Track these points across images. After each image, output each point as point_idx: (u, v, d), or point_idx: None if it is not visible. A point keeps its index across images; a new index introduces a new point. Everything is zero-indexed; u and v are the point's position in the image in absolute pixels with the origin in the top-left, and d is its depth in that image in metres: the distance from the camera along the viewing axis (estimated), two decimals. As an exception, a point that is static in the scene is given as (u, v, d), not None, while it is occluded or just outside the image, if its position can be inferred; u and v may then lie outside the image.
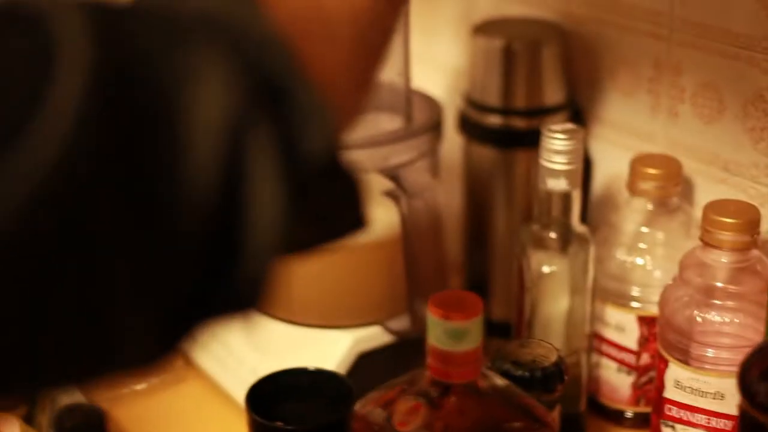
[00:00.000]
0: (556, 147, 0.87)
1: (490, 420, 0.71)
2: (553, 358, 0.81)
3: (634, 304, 0.93)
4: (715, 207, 0.84)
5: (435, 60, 1.21)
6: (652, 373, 0.90)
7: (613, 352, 0.95)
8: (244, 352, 1.01)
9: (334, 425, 0.79)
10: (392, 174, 0.93)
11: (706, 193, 0.94)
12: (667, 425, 0.87)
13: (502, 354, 0.81)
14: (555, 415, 0.80)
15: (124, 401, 1.02)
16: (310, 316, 0.98)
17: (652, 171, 0.91)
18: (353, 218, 0.56)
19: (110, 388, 0.89)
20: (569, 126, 0.88)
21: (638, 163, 0.92)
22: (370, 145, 0.93)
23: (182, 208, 0.43)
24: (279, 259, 0.47)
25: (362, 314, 0.97)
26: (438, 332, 0.68)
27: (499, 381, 0.74)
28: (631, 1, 0.98)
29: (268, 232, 0.45)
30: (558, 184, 0.88)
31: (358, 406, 0.74)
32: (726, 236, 0.82)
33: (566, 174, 0.88)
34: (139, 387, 1.04)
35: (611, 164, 1.03)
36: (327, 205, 0.53)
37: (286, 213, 0.45)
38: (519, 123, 1.01)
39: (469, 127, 1.04)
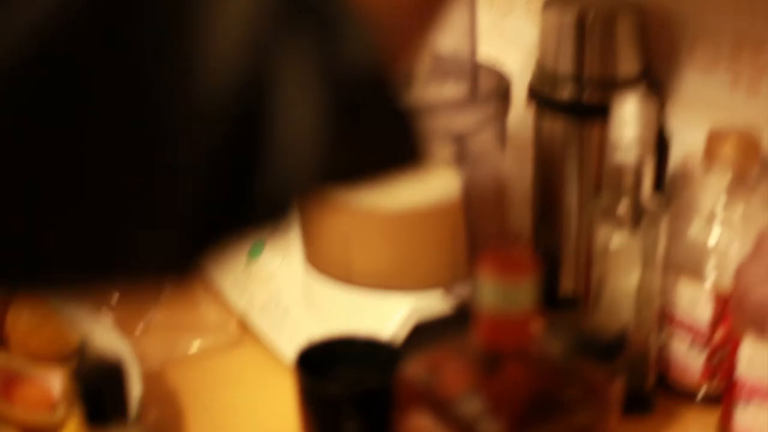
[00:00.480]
0: (627, 116, 0.83)
1: (542, 388, 0.67)
2: (616, 328, 0.77)
3: (708, 280, 0.88)
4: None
5: (507, 35, 1.17)
6: (726, 352, 0.86)
7: (685, 328, 0.91)
8: (302, 316, 0.99)
9: (381, 390, 0.76)
10: (456, 140, 0.90)
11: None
12: (740, 404, 0.83)
13: (563, 324, 0.78)
14: (616, 388, 0.76)
15: (178, 364, 1.01)
16: (369, 280, 0.95)
17: (730, 141, 0.87)
18: (405, 150, 0.51)
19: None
20: (641, 95, 0.84)
21: (716, 133, 0.88)
22: (433, 110, 0.90)
23: (195, 102, 0.39)
24: (315, 182, 0.43)
25: (422, 280, 0.94)
26: (488, 292, 0.64)
27: (555, 349, 0.70)
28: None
29: (300, 146, 0.40)
30: (628, 155, 0.84)
31: (404, 368, 0.70)
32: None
33: (637, 144, 0.84)
34: (193, 350, 1.02)
35: (689, 141, 0.98)
36: (375, 133, 0.48)
37: (322, 127, 0.41)
38: (591, 95, 0.97)
39: (539, 98, 1.00)
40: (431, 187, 0.93)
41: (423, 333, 0.91)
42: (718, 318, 0.88)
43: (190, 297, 1.10)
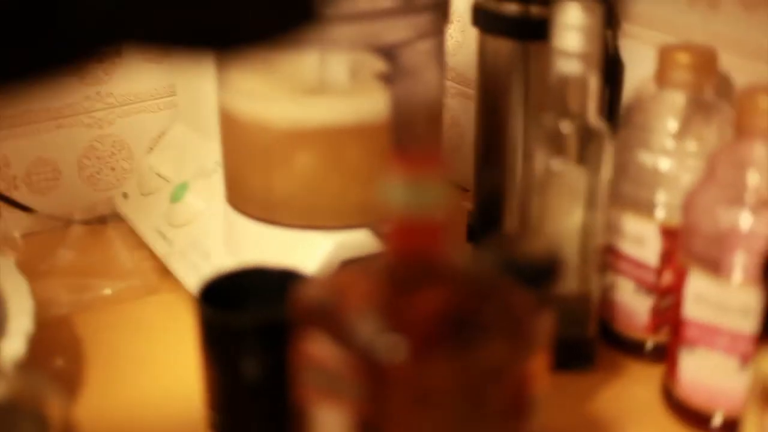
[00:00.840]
0: (571, 22, 0.75)
1: (455, 307, 0.59)
2: (548, 252, 0.69)
3: (658, 214, 0.80)
4: (751, 92, 0.71)
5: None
6: (675, 298, 0.78)
7: (630, 268, 0.83)
8: (223, 260, 0.91)
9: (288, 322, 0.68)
10: (386, 53, 0.81)
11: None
12: (685, 349, 0.75)
13: (490, 247, 0.70)
14: (544, 321, 0.68)
15: (87, 309, 0.93)
16: (291, 216, 0.87)
17: (682, 58, 0.79)
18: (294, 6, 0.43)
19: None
20: (585, 1, 0.76)
21: (667, 51, 0.80)
22: (361, 19, 0.82)
23: None
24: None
25: (348, 214, 0.86)
26: (395, 191, 0.56)
27: (477, 265, 0.62)
28: None
29: None
30: (571, 66, 0.77)
31: (302, 289, 0.62)
32: (764, 123, 0.69)
33: (582, 56, 0.76)
34: (104, 295, 0.94)
35: (644, 64, 0.90)
36: None
37: None
38: (538, 11, 0.89)
39: (483, 17, 0.92)
40: (359, 104, 0.85)
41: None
42: (667, 257, 0.80)
43: (103, 240, 1.03)
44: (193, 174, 1.04)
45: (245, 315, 0.71)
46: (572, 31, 0.75)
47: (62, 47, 0.39)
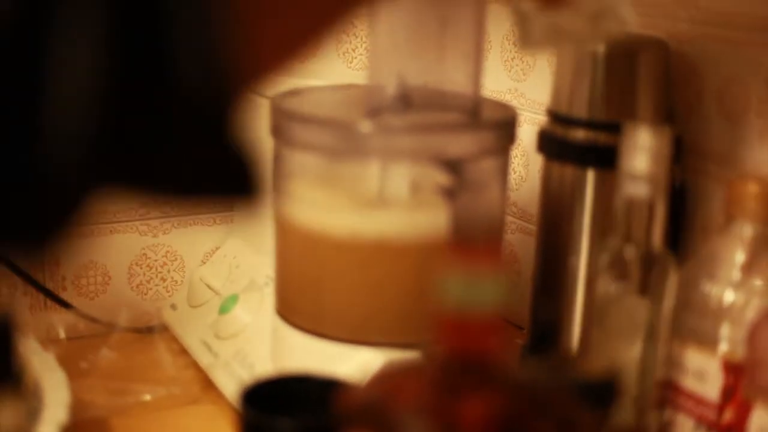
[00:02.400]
0: (639, 144, 0.74)
1: (508, 413, 0.56)
2: (606, 374, 0.66)
3: (721, 347, 0.77)
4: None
5: (525, 97, 1.09)
6: None
7: (691, 404, 0.79)
8: (267, 370, 0.89)
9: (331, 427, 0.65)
10: (450, 167, 0.80)
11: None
12: (746, 488, 0.71)
13: (547, 360, 0.67)
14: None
15: (124, 413, 0.90)
16: (340, 330, 0.85)
17: (753, 189, 0.77)
18: (236, 180, 0.43)
19: None
20: (656, 126, 0.75)
21: (737, 182, 0.78)
22: (426, 131, 0.82)
23: None
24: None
25: (401, 331, 0.84)
26: (450, 287, 0.54)
27: (532, 376, 0.59)
28: (742, 10, 0.85)
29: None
30: (638, 189, 0.75)
31: (347, 390, 0.60)
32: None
33: (649, 178, 0.74)
34: (145, 398, 0.92)
35: (712, 200, 0.88)
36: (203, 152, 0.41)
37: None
38: (605, 138, 0.88)
39: (549, 142, 0.91)
40: (419, 218, 0.84)
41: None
42: (730, 393, 0.77)
43: (147, 345, 1.01)
44: (244, 287, 1.02)
45: (288, 419, 0.68)
46: (641, 154, 0.74)
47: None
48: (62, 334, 0.96)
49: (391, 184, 0.86)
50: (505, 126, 0.85)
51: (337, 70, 1.19)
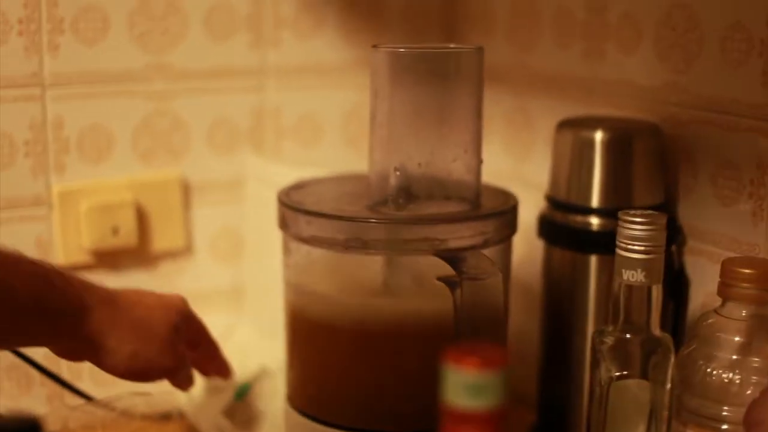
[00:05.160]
0: (634, 232, 0.76)
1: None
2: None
3: (723, 428, 0.79)
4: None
5: (526, 176, 1.12)
6: None
7: (695, 486, 0.81)
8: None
9: None
10: (452, 258, 0.83)
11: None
12: None
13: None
14: None
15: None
16: (346, 417, 0.87)
17: (745, 271, 0.79)
18: None
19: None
20: (649, 211, 0.77)
21: (730, 263, 0.80)
22: (426, 223, 0.84)
23: None
24: None
25: (406, 418, 0.86)
26: (453, 386, 0.57)
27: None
28: (731, 96, 0.88)
29: None
30: (635, 276, 0.77)
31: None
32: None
33: (644, 264, 0.77)
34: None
35: (709, 281, 0.90)
36: None
37: None
38: (603, 224, 0.90)
39: (548, 227, 0.94)
40: (422, 307, 0.86)
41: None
42: (733, 473, 0.79)
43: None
44: (256, 373, 1.05)
45: None
46: (635, 242, 0.76)
47: None
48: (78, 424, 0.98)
49: (395, 276, 0.89)
50: (506, 214, 0.88)
51: (341, 157, 1.23)
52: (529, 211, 0.97)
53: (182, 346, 0.91)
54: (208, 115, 1.15)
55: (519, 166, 1.13)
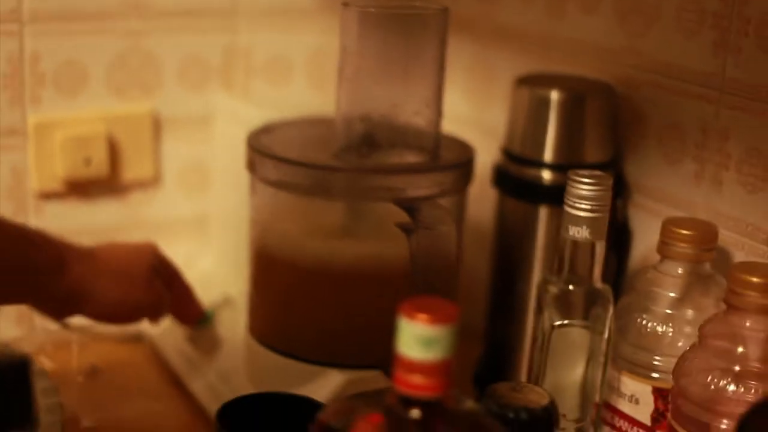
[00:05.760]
0: (581, 192, 0.81)
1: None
2: (544, 402, 0.74)
3: (654, 375, 0.85)
4: (743, 267, 0.77)
5: (485, 123, 1.16)
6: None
7: (626, 426, 0.87)
8: (241, 382, 0.96)
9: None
10: (408, 207, 0.88)
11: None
12: (672, 505, 0.79)
13: (491, 393, 0.75)
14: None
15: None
16: (309, 351, 0.93)
17: (684, 232, 0.84)
18: None
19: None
20: (596, 172, 0.82)
21: (670, 223, 0.86)
22: (386, 173, 0.89)
23: None
24: None
25: (362, 353, 0.92)
26: (406, 337, 0.62)
27: (474, 408, 0.67)
28: (683, 63, 0.93)
29: None
30: (580, 233, 0.82)
31: (319, 415, 0.68)
32: (753, 298, 0.75)
33: (590, 222, 0.82)
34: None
35: (651, 234, 0.96)
36: None
37: None
38: (554, 177, 0.95)
39: (502, 178, 0.99)
40: (379, 250, 0.91)
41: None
42: (659, 417, 0.85)
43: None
44: (219, 302, 1.10)
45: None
46: (582, 201, 0.81)
47: None
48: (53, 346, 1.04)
49: (356, 220, 0.94)
50: (462, 167, 0.93)
51: (308, 98, 1.27)
52: (485, 158, 1.01)
53: (160, 287, 0.96)
54: (181, 52, 1.19)
55: (478, 114, 1.18)
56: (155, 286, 0.96)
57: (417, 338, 0.62)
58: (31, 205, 1.13)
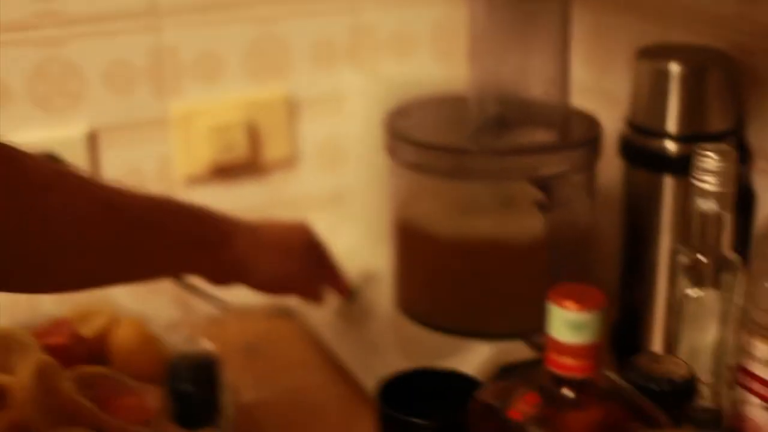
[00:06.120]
0: (708, 167, 0.85)
1: (606, 419, 0.70)
2: (685, 374, 0.79)
3: (786, 339, 0.89)
4: None
5: (606, 91, 1.20)
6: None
7: (759, 387, 0.92)
8: (390, 354, 1.03)
9: (461, 421, 0.78)
10: (543, 184, 0.93)
11: None
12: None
13: (632, 365, 0.80)
14: (681, 432, 0.78)
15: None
16: (453, 323, 0.99)
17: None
18: None
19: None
20: (722, 147, 0.86)
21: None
22: (520, 154, 0.94)
23: None
24: None
25: (504, 324, 0.97)
26: (557, 323, 0.67)
27: (622, 384, 0.73)
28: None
29: None
30: (708, 205, 0.87)
31: (478, 394, 0.74)
32: None
33: (717, 195, 0.86)
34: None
35: (776, 198, 1.00)
36: None
37: None
38: (679, 148, 0.99)
39: (628, 150, 1.03)
40: (518, 227, 0.97)
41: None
42: (793, 379, 0.89)
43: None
44: (364, 276, 1.16)
45: (422, 414, 0.82)
46: (709, 175, 0.85)
47: None
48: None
49: (493, 198, 0.99)
50: (591, 143, 0.97)
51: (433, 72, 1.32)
52: (608, 125, 1.05)
53: (314, 262, 1.03)
54: (310, 35, 1.25)
55: (599, 80, 1.22)
56: (309, 263, 1.04)
57: (567, 323, 0.67)
58: (179, 189, 1.20)
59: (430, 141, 0.96)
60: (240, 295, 1.04)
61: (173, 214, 0.90)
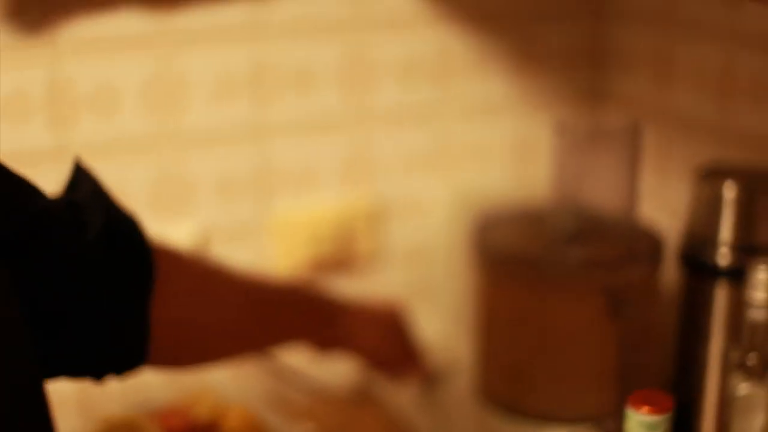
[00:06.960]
0: (760, 279, 0.98)
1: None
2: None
3: (826, 432, 1.01)
4: None
5: (665, 198, 1.33)
6: None
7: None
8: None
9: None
10: (611, 293, 1.06)
11: None
12: None
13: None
14: None
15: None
16: (530, 407, 1.12)
17: None
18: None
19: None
20: (771, 263, 0.99)
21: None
22: (595, 266, 1.07)
23: None
24: None
25: (579, 411, 1.10)
26: (632, 422, 0.80)
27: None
28: None
29: None
30: (759, 315, 0.99)
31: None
32: None
33: (766, 306, 0.99)
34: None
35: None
36: None
37: None
38: (732, 259, 1.12)
39: (688, 261, 1.15)
40: (589, 326, 1.10)
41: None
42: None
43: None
44: (444, 367, 1.28)
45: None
46: (760, 288, 0.98)
47: None
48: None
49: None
50: (656, 257, 1.10)
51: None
52: (670, 232, 1.18)
53: (402, 342, 1.15)
54: (399, 146, 1.39)
55: (661, 192, 1.34)
56: (403, 342, 1.14)
57: (642, 424, 0.80)
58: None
59: (511, 253, 1.09)
60: (325, 379, 1.13)
61: (295, 293, 1.02)
